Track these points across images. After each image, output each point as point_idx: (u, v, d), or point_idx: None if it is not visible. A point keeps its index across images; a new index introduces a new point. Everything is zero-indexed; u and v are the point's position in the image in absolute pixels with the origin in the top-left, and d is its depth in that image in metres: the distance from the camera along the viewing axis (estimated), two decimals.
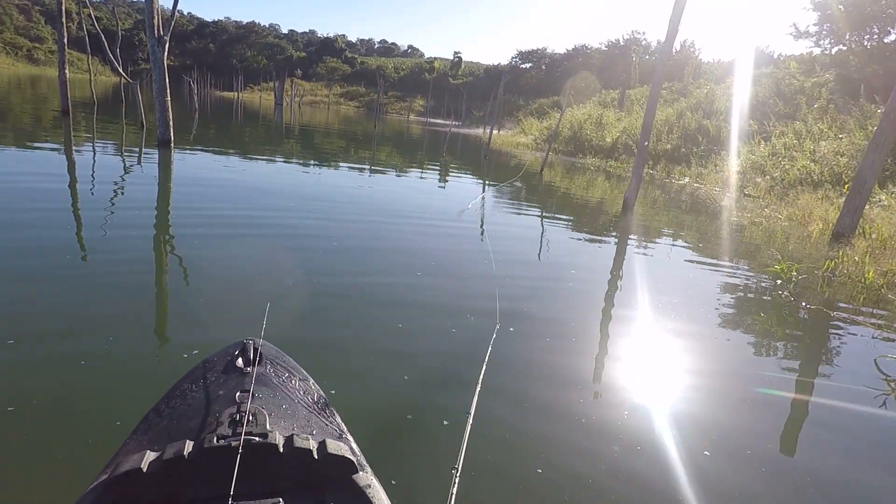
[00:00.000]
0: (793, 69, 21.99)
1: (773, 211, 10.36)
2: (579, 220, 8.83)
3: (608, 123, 23.63)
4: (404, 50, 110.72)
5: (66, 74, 13.34)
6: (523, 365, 3.18)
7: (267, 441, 1.16)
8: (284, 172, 10.60)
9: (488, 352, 2.39)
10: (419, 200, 8.94)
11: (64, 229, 4.86)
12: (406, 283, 4.42)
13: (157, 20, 9.48)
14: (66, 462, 1.97)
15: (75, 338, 2.87)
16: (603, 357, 3.47)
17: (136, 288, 3.68)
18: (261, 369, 1.51)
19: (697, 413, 2.85)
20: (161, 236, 5.05)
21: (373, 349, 3.14)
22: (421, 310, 3.86)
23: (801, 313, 4.76)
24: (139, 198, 6.64)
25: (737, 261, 6.59)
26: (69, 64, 12.66)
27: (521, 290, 4.49)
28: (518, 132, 31.71)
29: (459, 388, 2.72)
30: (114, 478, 1.10)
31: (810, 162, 13.07)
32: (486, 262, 5.18)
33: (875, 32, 22.62)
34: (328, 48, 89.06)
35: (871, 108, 14.81)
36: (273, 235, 5.45)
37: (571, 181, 14.63)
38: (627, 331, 4.03)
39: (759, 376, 3.42)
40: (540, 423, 2.58)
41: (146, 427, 1.33)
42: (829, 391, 3.35)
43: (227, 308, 3.50)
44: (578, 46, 57.64)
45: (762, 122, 18.06)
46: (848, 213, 7.53)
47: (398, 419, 2.47)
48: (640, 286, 5.11)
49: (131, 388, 2.49)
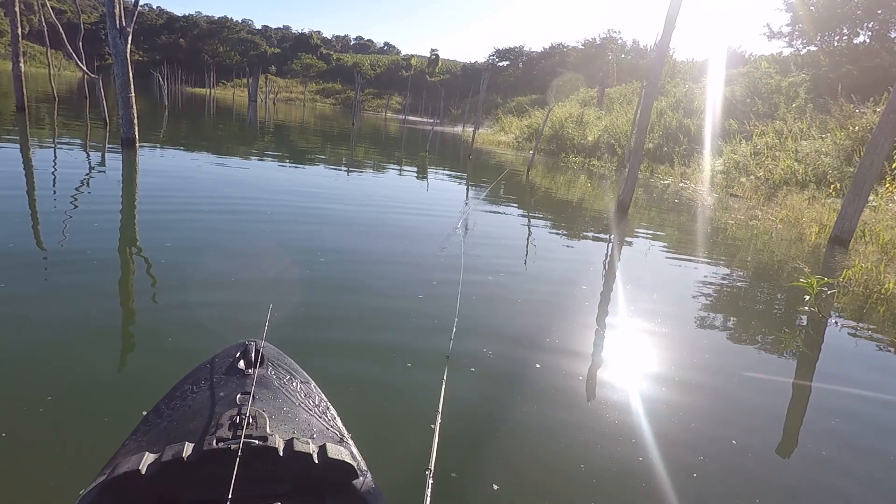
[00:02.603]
0: (763, 69, 22.15)
1: (763, 212, 10.22)
2: (574, 223, 8.50)
3: (589, 122, 23.50)
4: (380, 47, 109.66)
5: (21, 68, 12.45)
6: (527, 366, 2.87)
7: (267, 444, 1.15)
8: (258, 171, 10.02)
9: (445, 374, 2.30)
10: (410, 196, 8.51)
11: (19, 235, 4.41)
12: (403, 291, 4.07)
13: (119, 10, 8.80)
14: (65, 463, 1.96)
15: (74, 338, 2.87)
16: (612, 369, 3.13)
17: (113, 292, 3.58)
18: (262, 371, 1.49)
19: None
20: (126, 241, 4.65)
21: (372, 351, 3.11)
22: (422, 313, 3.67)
23: (828, 329, 4.47)
24: (100, 200, 6.12)
25: (747, 270, 6.26)
26: (31, 58, 11.85)
27: (533, 304, 4.15)
28: (497, 130, 31.43)
29: (461, 389, 2.71)
30: (112, 479, 1.08)
31: (794, 162, 13.06)
32: (485, 272, 4.79)
33: (845, 34, 23.04)
34: (303, 44, 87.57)
35: (849, 108, 14.91)
36: (246, 238, 5.14)
37: (559, 182, 14.36)
38: (639, 341, 3.69)
39: (794, 402, 3.12)
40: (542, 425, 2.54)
41: (146, 428, 1.31)
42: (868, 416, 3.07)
43: (218, 311, 3.40)
44: (555, 45, 57.77)
45: (742, 121, 18.12)
46: (846, 216, 7.37)
47: (399, 423, 2.46)
48: (645, 292, 4.81)
49: (133, 388, 2.49)
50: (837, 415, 3.00)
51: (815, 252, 7.39)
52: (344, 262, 4.82)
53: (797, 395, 3.27)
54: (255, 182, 8.83)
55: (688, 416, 2.74)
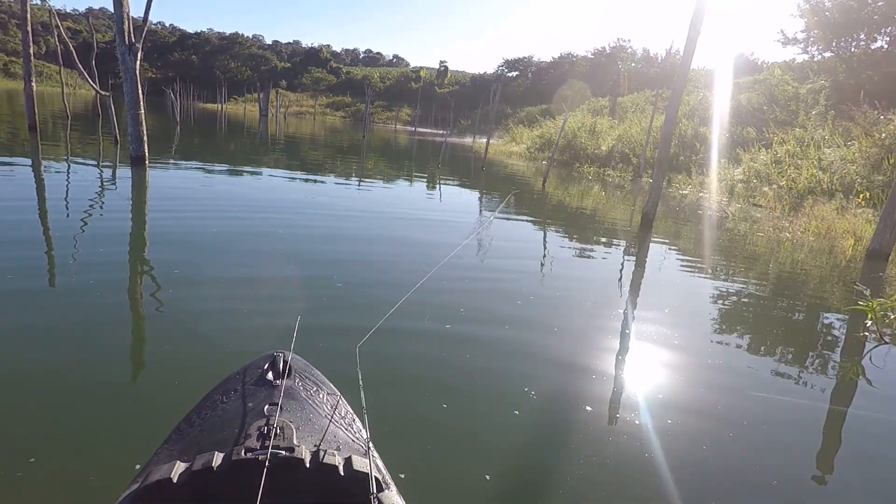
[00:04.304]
0: (776, 75, 21.74)
1: (791, 224, 9.82)
2: (597, 238, 8.16)
3: (602, 131, 23.22)
4: (389, 59, 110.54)
5: (34, 87, 12.45)
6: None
7: (293, 455, 1.16)
8: (271, 185, 9.84)
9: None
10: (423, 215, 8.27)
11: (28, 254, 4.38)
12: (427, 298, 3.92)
13: (128, 26, 8.70)
14: (99, 473, 1.97)
15: (108, 351, 2.94)
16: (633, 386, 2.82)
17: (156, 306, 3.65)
18: (289, 382, 1.50)
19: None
20: (137, 258, 4.67)
21: (405, 369, 3.07)
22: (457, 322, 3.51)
23: (888, 355, 4.10)
24: (109, 217, 6.05)
25: (786, 289, 5.91)
26: (47, 77, 11.91)
27: (571, 331, 3.86)
28: (508, 141, 31.22)
29: (494, 406, 2.73)
30: (145, 487, 1.10)
31: (818, 170, 12.65)
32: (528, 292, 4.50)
33: (862, 39, 22.60)
34: (313, 58, 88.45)
35: (874, 115, 14.47)
36: (262, 253, 5.06)
37: (575, 192, 14.05)
38: (690, 369, 3.36)
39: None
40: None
41: (178, 437, 1.33)
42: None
43: (244, 324, 3.46)
44: (564, 54, 57.75)
45: (760, 129, 17.73)
46: (885, 228, 6.97)
47: (426, 437, 2.41)
48: (681, 313, 4.48)
49: (164, 397, 2.52)
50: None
51: (851, 266, 7.01)
52: (359, 277, 4.72)
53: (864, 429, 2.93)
54: (266, 196, 8.74)
55: (743, 446, 2.47)
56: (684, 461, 2.40)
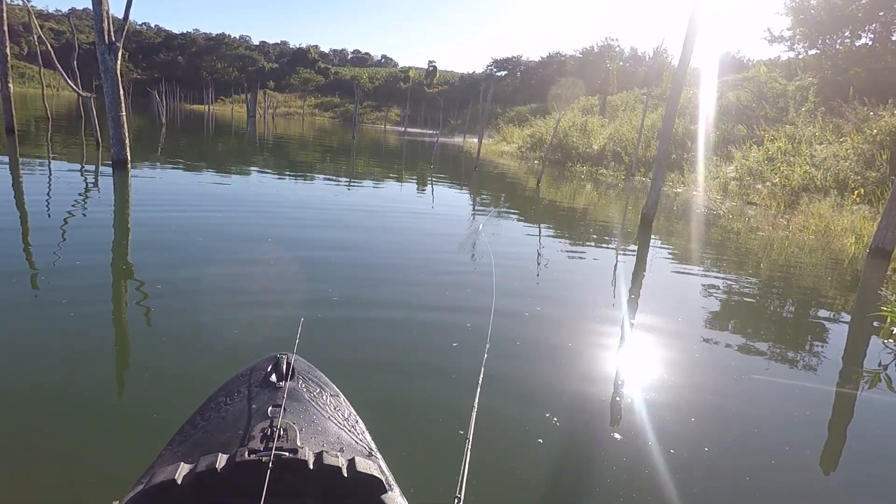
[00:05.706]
0: (763, 73, 21.81)
1: (788, 222, 9.74)
2: (597, 239, 8.01)
3: (593, 130, 23.14)
4: (378, 59, 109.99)
5: (10, 89, 12.05)
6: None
7: (297, 457, 1.16)
8: (257, 187, 9.58)
9: (481, 373, 2.04)
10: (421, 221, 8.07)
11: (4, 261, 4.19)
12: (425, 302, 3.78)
13: (108, 24, 8.39)
14: (104, 475, 1.99)
15: (113, 355, 2.96)
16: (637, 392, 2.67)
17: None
18: (293, 384, 1.51)
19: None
20: (120, 262, 4.55)
21: (404, 368, 3.08)
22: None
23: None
24: (90, 223, 5.85)
25: (792, 290, 5.77)
26: (29, 79, 11.54)
27: (567, 324, 3.69)
28: (499, 140, 31.10)
29: (492, 409, 2.60)
30: (149, 488, 1.11)
31: (811, 167, 12.62)
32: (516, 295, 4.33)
33: (847, 37, 22.75)
34: (301, 59, 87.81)
35: (864, 111, 14.49)
36: (252, 253, 4.82)
37: (568, 192, 13.92)
38: (697, 368, 3.20)
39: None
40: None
41: (182, 439, 1.33)
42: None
43: (244, 327, 3.44)
44: (553, 53, 57.80)
45: (751, 126, 17.72)
46: (888, 226, 6.87)
47: (428, 438, 2.43)
48: (686, 314, 4.34)
49: (170, 398, 2.52)
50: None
51: (854, 265, 6.91)
52: (359, 275, 4.70)
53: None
54: (255, 197, 8.54)
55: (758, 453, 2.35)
56: (684, 461, 2.36)
